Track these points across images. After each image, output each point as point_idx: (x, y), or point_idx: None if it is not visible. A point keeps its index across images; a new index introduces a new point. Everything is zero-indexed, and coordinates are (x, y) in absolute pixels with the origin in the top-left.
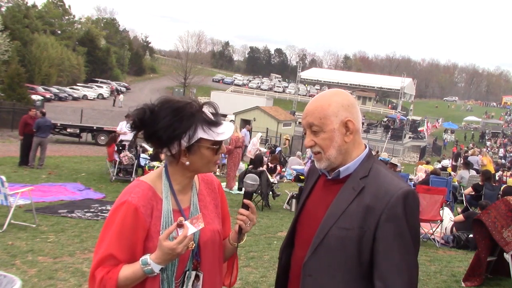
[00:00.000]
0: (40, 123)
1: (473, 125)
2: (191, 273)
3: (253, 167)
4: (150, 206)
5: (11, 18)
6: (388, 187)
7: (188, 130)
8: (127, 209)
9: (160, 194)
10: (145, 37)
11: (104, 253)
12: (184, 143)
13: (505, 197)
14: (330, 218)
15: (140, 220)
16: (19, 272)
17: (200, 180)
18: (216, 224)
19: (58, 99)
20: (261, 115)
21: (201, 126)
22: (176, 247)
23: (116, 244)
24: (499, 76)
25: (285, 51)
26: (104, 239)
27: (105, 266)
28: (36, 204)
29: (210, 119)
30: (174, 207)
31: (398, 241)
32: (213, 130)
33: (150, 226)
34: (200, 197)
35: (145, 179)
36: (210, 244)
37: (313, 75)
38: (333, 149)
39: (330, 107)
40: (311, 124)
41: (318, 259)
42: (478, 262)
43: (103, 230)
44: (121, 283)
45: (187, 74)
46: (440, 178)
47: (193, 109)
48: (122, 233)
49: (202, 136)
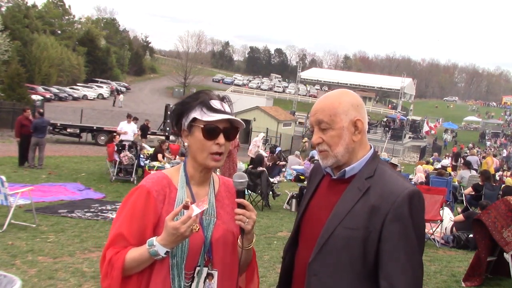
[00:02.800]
0: (37, 124)
1: (473, 125)
2: (202, 269)
3: (253, 167)
4: (163, 193)
5: (11, 18)
6: (394, 187)
7: (188, 110)
8: (140, 193)
9: (175, 184)
10: (145, 37)
11: (115, 233)
12: (184, 122)
13: (505, 197)
14: (335, 218)
15: (151, 204)
16: (19, 272)
17: (221, 182)
18: (232, 226)
19: (58, 99)
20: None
21: (200, 108)
22: (179, 226)
23: (127, 225)
24: (499, 76)
25: (285, 51)
26: (117, 220)
27: (116, 247)
28: (36, 204)
29: (212, 104)
30: (188, 198)
31: (403, 241)
32: (209, 113)
33: (162, 213)
34: (218, 197)
35: (164, 171)
36: (222, 242)
37: (313, 75)
38: (341, 147)
39: (340, 105)
40: (321, 121)
41: (323, 259)
42: (478, 262)
43: (118, 212)
44: (127, 265)
45: (187, 74)
46: (440, 178)
47: (201, 94)
48: (133, 215)
49: (195, 116)
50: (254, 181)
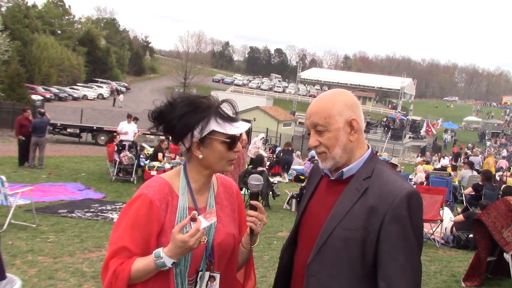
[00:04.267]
0: (36, 124)
1: (473, 125)
2: (205, 273)
3: (253, 167)
4: (165, 201)
5: (11, 18)
6: (392, 188)
7: (201, 121)
8: (143, 202)
9: (177, 190)
10: (145, 37)
11: (118, 245)
12: (196, 134)
13: (505, 197)
14: (334, 218)
15: (154, 213)
16: (19, 272)
17: (219, 183)
18: (232, 228)
19: (58, 99)
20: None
21: (214, 119)
22: (188, 239)
23: (130, 237)
24: (499, 76)
25: (285, 51)
26: (118, 229)
27: (119, 258)
28: (36, 204)
29: (225, 113)
30: (190, 204)
31: (402, 241)
32: (227, 124)
33: (164, 221)
34: (217, 199)
35: (163, 176)
36: (224, 246)
37: (313, 75)
38: (338, 148)
39: (334, 106)
40: (316, 124)
41: (322, 260)
42: (478, 262)
43: (118, 220)
44: (133, 275)
45: (187, 74)
46: (440, 178)
47: (210, 102)
48: (136, 225)
49: (214, 128)
50: None
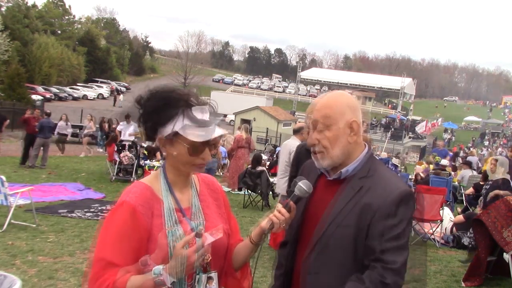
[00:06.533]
0: (43, 124)
1: (473, 125)
2: (201, 276)
3: (252, 167)
4: (148, 206)
5: (11, 18)
6: (386, 187)
7: (170, 120)
8: (125, 210)
9: (158, 194)
10: (145, 37)
11: (106, 261)
12: (163, 132)
13: (505, 197)
14: (329, 216)
15: (139, 220)
16: (19, 272)
17: (200, 181)
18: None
19: (58, 99)
20: (261, 115)
21: (182, 120)
22: (191, 254)
23: (118, 249)
24: (499, 76)
25: (285, 51)
26: (103, 243)
27: (110, 275)
28: (36, 204)
29: (193, 116)
30: (174, 206)
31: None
32: (194, 128)
33: (151, 226)
34: (201, 197)
35: (143, 180)
36: (217, 243)
37: (313, 75)
38: (337, 148)
39: (336, 107)
40: (316, 122)
41: (318, 257)
42: (478, 262)
43: (102, 231)
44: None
45: (187, 74)
46: (440, 178)
47: (181, 101)
48: (122, 236)
49: (177, 131)
50: (254, 181)
